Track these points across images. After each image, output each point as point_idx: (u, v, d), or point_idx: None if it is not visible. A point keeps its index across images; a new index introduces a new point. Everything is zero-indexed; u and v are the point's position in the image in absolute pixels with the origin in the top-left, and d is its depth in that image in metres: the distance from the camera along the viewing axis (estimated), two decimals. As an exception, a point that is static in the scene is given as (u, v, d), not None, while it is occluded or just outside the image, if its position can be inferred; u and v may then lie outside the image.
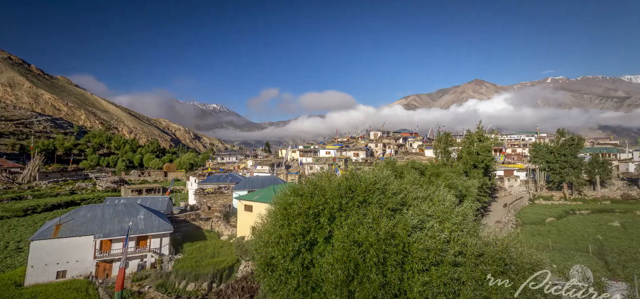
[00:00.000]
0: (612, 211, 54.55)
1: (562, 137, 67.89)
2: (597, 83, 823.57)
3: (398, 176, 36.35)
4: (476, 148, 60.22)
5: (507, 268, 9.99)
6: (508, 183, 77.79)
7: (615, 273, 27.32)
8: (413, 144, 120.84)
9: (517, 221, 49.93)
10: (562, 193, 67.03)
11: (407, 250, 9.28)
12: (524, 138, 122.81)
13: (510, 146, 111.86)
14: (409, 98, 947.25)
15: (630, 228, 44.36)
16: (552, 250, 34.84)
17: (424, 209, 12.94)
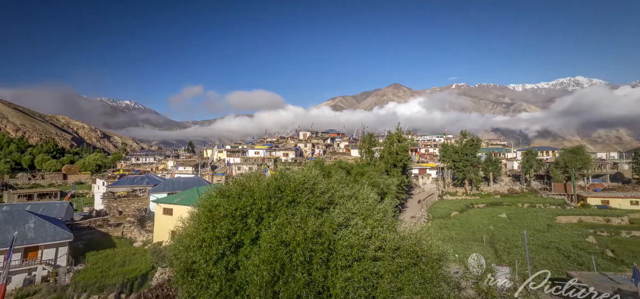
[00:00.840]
0: (501, 204, 64.27)
1: (465, 138, 77.58)
2: (490, 90, 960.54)
3: (326, 175, 37.35)
4: (396, 148, 65.33)
5: (418, 260, 10.88)
6: (422, 180, 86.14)
7: (502, 259, 32.29)
8: (340, 144, 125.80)
9: (429, 215, 55.60)
10: (464, 189, 76.71)
11: (332, 248, 9.60)
12: (435, 139, 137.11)
13: (423, 146, 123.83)
14: (335, 99, 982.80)
15: (514, 218, 52.90)
16: (455, 241, 39.61)
17: (350, 207, 13.45)
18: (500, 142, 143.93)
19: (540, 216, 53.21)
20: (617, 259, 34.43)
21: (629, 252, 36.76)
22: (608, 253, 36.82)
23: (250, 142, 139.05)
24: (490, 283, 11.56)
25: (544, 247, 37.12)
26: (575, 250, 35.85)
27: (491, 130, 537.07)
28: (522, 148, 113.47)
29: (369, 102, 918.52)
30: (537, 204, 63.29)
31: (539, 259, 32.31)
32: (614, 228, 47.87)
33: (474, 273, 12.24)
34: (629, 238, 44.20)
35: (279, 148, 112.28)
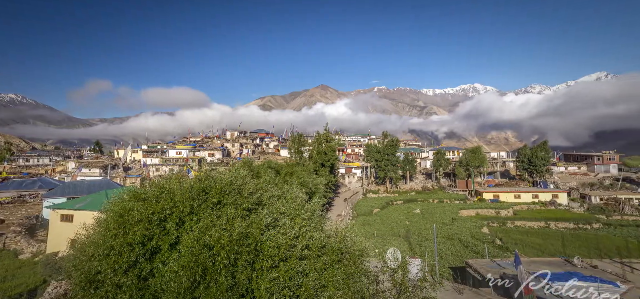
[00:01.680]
0: (416, 201, 70.83)
1: (386, 139, 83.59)
2: (406, 94, 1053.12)
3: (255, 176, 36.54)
4: (324, 148, 67.23)
5: (343, 256, 11.32)
6: (348, 179, 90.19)
7: (415, 251, 35.68)
8: (270, 144, 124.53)
9: (354, 213, 58.50)
10: (385, 187, 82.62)
11: (259, 249, 9.48)
12: (360, 140, 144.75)
13: (350, 146, 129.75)
14: (264, 99, 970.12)
15: (426, 213, 58.81)
16: (376, 237, 42.43)
17: (278, 207, 13.40)
18: (415, 143, 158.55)
19: (447, 211, 60.16)
20: (504, 246, 40.80)
21: (513, 240, 43.88)
22: (497, 241, 43.37)
23: (171, 142, 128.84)
24: (404, 275, 12.62)
25: (449, 239, 42.06)
26: (473, 240, 41.43)
27: (408, 131, 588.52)
28: (433, 149, 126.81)
29: (298, 102, 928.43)
30: (445, 200, 71.30)
31: (444, 251, 36.57)
32: (502, 219, 56.57)
33: (391, 266, 13.22)
34: (513, 227, 52.69)
35: (204, 148, 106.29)
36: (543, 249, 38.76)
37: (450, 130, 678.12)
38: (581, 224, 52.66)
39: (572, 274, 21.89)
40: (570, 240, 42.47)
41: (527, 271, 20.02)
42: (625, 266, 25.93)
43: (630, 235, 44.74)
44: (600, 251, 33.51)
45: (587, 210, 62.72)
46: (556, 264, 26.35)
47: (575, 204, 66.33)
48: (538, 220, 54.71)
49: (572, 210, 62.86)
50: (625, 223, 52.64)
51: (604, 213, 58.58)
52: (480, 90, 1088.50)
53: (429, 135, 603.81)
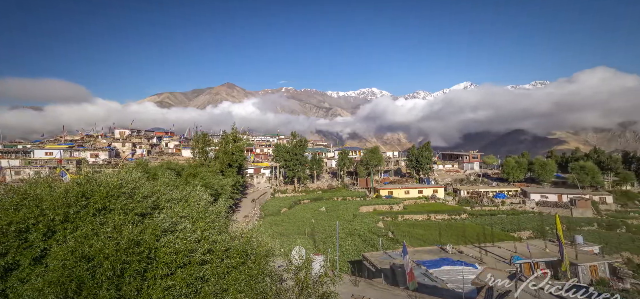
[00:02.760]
0: (322, 199, 74.19)
1: (295, 139, 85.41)
2: (313, 95, 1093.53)
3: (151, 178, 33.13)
4: (231, 148, 64.93)
5: (247, 258, 11.22)
6: (256, 180, 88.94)
7: (319, 248, 37.49)
8: (169, 144, 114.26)
9: (261, 213, 58.12)
10: (293, 187, 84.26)
11: (152, 256, 8.74)
12: (269, 140, 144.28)
13: (258, 146, 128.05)
14: (162, 95, 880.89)
15: (331, 211, 62.18)
16: (283, 236, 43.08)
17: (178, 211, 12.52)
18: (322, 143, 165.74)
19: (349, 208, 64.73)
20: (395, 239, 46.01)
21: (402, 232, 49.82)
22: (390, 234, 48.64)
23: (38, 141, 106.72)
24: (307, 272, 13.17)
25: (350, 234, 45.39)
26: (370, 235, 45.61)
27: (315, 132, 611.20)
28: (338, 149, 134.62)
29: (202, 100, 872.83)
30: (348, 197, 76.52)
31: (346, 246, 39.39)
32: (394, 214, 63.64)
33: (295, 264, 13.65)
34: (402, 221, 59.77)
35: (85, 147, 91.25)
36: (425, 239, 45.08)
37: (352, 131, 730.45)
38: (453, 215, 62.97)
39: (445, 260, 26.11)
40: (445, 229, 50.46)
41: (412, 260, 23.04)
42: (482, 250, 32.10)
43: (485, 223, 55.47)
44: (466, 238, 40.74)
45: (458, 202, 75.14)
46: (434, 252, 31.00)
47: (450, 198, 78.83)
48: (422, 213, 63.32)
49: (447, 203, 74.52)
50: (483, 213, 65.00)
51: (469, 205, 71.11)
52: (377, 94, 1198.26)
53: (334, 135, 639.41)
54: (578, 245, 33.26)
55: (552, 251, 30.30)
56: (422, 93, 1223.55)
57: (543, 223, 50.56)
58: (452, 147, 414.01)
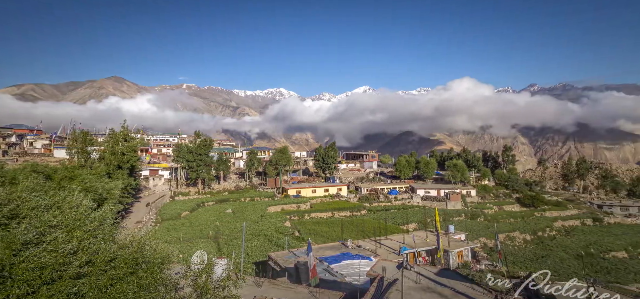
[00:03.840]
0: (228, 200, 71.55)
1: (199, 139, 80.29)
2: (218, 94, 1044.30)
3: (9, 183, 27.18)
4: (121, 148, 57.39)
5: (138, 267, 10.30)
6: (153, 182, 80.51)
7: (223, 252, 36.25)
8: (36, 143, 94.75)
9: (158, 218, 53.03)
10: (197, 189, 79.06)
11: (7, 274, 7.34)
12: (169, 139, 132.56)
13: (156, 146, 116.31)
14: (23, 87, 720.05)
15: (237, 212, 60.51)
16: (182, 241, 40.27)
17: (47, 219, 10.69)
18: (229, 143, 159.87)
19: (257, 208, 64.05)
20: (301, 237, 47.44)
21: (308, 230, 51.65)
22: (296, 233, 49.90)
23: None
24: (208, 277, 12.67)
25: (256, 235, 45.00)
26: (277, 234, 46.04)
27: (222, 131, 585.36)
28: (247, 149, 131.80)
29: (81, 94, 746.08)
30: (256, 198, 75.54)
31: (251, 247, 38.95)
32: (301, 213, 65.50)
33: (195, 270, 13.01)
34: (309, 219, 61.95)
35: None
36: (328, 235, 47.63)
37: (261, 131, 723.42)
38: (355, 212, 68.11)
39: (345, 255, 28.16)
40: (347, 225, 54.24)
41: (315, 257, 24.17)
42: (377, 243, 35.63)
43: (381, 218, 61.63)
44: (364, 233, 44.60)
45: (359, 199, 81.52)
46: (336, 248, 33.08)
47: (352, 195, 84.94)
48: (327, 211, 66.72)
49: (350, 201, 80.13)
50: (379, 208, 71.99)
51: (368, 201, 77.87)
52: (285, 94, 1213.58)
53: (243, 135, 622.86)
54: (450, 233, 39.77)
55: (431, 241, 35.47)
56: (327, 95, 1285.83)
57: (425, 215, 58.77)
58: (355, 147, 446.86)
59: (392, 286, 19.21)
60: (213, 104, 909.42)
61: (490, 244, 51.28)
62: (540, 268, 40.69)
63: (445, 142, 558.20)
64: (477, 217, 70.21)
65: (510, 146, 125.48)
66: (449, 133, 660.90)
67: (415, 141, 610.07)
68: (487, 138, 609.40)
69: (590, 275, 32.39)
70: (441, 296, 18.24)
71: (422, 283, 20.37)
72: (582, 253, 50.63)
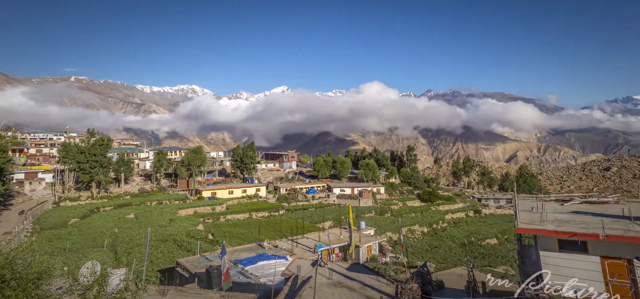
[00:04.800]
0: (130, 205, 64.17)
1: (93, 137, 70.04)
2: (118, 89, 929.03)
3: None
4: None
5: (6, 285, 8.90)
6: (30, 187, 67.41)
7: (121, 261, 32.43)
8: None
9: (35, 228, 44.75)
10: (90, 193, 68.84)
11: None
12: (52, 138, 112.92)
13: (34, 146, 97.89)
14: None
15: (141, 217, 54.70)
16: (69, 252, 34.83)
17: None
18: (133, 142, 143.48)
19: (166, 212, 58.88)
20: (215, 240, 45.28)
21: (223, 233, 49.59)
22: (210, 236, 47.45)
23: None
24: (100, 290, 11.29)
25: (163, 241, 41.36)
26: (188, 239, 43.08)
27: (123, 130, 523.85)
28: (154, 149, 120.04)
29: None
30: (165, 201, 69.37)
31: (157, 254, 35.67)
32: (216, 215, 62.50)
33: (84, 282, 11.46)
34: (224, 221, 59.48)
35: None
36: (245, 237, 46.51)
37: (172, 130, 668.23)
38: (273, 212, 67.84)
39: (261, 256, 27.88)
40: (265, 226, 53.70)
41: (230, 259, 23.34)
42: (294, 242, 36.16)
43: (299, 217, 62.69)
44: (282, 233, 44.79)
45: (278, 199, 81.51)
46: (252, 249, 32.50)
47: (271, 195, 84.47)
48: (244, 212, 65.01)
49: (268, 201, 79.57)
50: (298, 208, 73.13)
51: (287, 201, 78.41)
52: (199, 92, 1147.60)
53: (149, 134, 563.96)
54: (362, 229, 42.65)
55: (345, 237, 37.49)
56: (245, 94, 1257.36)
57: (340, 213, 61.87)
58: (274, 147, 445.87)
59: (306, 284, 19.73)
60: (111, 100, 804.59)
61: (395, 237, 56.41)
62: (433, 257, 46.80)
63: (359, 143, 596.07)
64: (385, 213, 76.71)
65: (412, 146, 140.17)
66: (362, 134, 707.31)
67: (332, 141, 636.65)
68: (395, 139, 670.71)
69: (470, 261, 38.25)
70: (350, 290, 19.44)
71: (334, 279, 21.40)
72: (465, 241, 59.59)
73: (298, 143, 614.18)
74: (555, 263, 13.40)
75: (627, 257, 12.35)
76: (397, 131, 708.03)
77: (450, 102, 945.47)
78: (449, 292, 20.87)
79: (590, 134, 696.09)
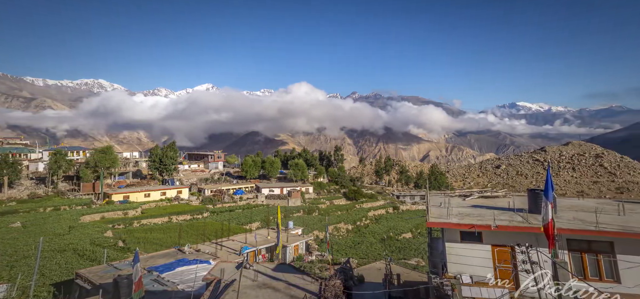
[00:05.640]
0: (17, 212, 54.16)
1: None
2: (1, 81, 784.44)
3: None
4: None
5: None
6: None
7: (2, 276, 27.12)
8: None
9: None
10: (-41, 200, 56.18)
11: None
12: None
13: None
14: None
15: (31, 226, 46.50)
16: None
17: None
18: (20, 141, 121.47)
19: (64, 219, 51.13)
20: (126, 247, 40.85)
21: (137, 239, 45.01)
22: (120, 243, 42.64)
23: None
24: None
25: (60, 251, 35.77)
26: (92, 247, 38.02)
27: (7, 127, 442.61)
28: (50, 148, 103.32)
29: None
30: (63, 206, 60.15)
31: (51, 266, 30.68)
32: (129, 220, 56.46)
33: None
34: (139, 226, 54.04)
35: None
36: (163, 242, 42.89)
37: (73, 128, 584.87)
38: (196, 214, 63.91)
39: (180, 261, 26.01)
40: (187, 230, 50.21)
41: (143, 267, 21.27)
42: (218, 245, 34.56)
43: (225, 219, 60.12)
44: (205, 236, 42.34)
45: (202, 201, 77.02)
46: (171, 255, 30.11)
47: (194, 197, 79.43)
48: (163, 216, 59.93)
49: (191, 203, 74.68)
50: (224, 210, 70.15)
51: (212, 203, 74.58)
52: (107, 87, 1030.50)
53: (44, 132, 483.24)
54: (289, 229, 42.75)
55: (272, 238, 37.11)
56: (164, 90, 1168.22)
57: (269, 213, 61.12)
58: (198, 147, 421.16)
59: (229, 287, 19.02)
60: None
61: (322, 236, 57.89)
62: (356, 253, 49.35)
63: (289, 143, 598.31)
64: (313, 212, 78.25)
65: (340, 146, 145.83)
66: (291, 134, 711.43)
67: (261, 141, 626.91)
68: (323, 139, 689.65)
69: (388, 255, 41.28)
70: (275, 290, 19.34)
71: (259, 280, 21.04)
72: (385, 236, 64.12)
73: (225, 143, 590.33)
74: (458, 252, 15.15)
75: (511, 244, 14.44)
76: (325, 131, 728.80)
77: (373, 104, 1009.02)
78: (369, 285, 22.18)
79: (486, 136, 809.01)
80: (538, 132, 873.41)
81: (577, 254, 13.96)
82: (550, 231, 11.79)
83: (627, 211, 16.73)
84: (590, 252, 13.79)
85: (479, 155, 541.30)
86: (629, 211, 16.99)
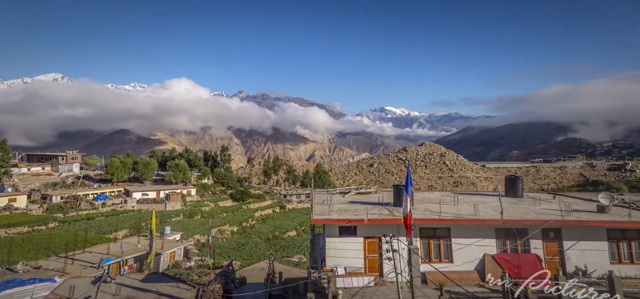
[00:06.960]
0: None
1: None
2: None
3: None
4: None
5: None
6: None
7: None
8: None
9: None
10: None
11: None
12: None
13: None
14: None
15: None
16: None
17: None
18: None
19: None
20: None
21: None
22: None
23: None
24: None
25: None
26: None
27: None
28: None
29: None
30: None
31: None
32: None
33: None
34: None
35: None
36: (-16, 264, 32.87)
37: None
38: (37, 226, 51.32)
39: (10, 283, 20.37)
40: (21, 244, 39.66)
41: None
42: (69, 259, 28.49)
43: (80, 229, 50.14)
44: (51, 250, 34.32)
45: (47, 210, 62.32)
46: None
47: (35, 206, 63.57)
48: (-16, 231, 45.99)
49: (30, 213, 59.60)
50: (80, 218, 58.48)
51: (62, 211, 61.14)
52: None
53: None
54: (166, 235, 38.59)
55: (144, 246, 32.78)
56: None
57: (141, 219, 53.72)
58: (44, 147, 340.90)
59: (82, 311, 15.81)
60: None
61: (203, 240, 54.31)
62: (240, 255, 48.17)
63: (167, 142, 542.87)
64: (195, 215, 72.69)
65: (226, 146, 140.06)
66: (171, 133, 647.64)
67: (132, 140, 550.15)
68: (208, 139, 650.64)
69: (272, 254, 41.63)
70: (143, 305, 17.03)
71: (122, 294, 18.21)
72: (270, 236, 64.60)
73: (83, 142, 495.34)
74: (336, 246, 16.29)
75: (379, 235, 16.24)
76: (211, 131, 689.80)
77: (261, 103, 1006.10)
78: (250, 287, 21.84)
79: (362, 137, 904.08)
80: (401, 134, 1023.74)
81: (425, 241, 16.81)
82: (408, 222, 13.82)
83: (459, 202, 21.09)
84: (435, 238, 16.80)
85: (356, 154, 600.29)
86: (461, 201, 21.47)
